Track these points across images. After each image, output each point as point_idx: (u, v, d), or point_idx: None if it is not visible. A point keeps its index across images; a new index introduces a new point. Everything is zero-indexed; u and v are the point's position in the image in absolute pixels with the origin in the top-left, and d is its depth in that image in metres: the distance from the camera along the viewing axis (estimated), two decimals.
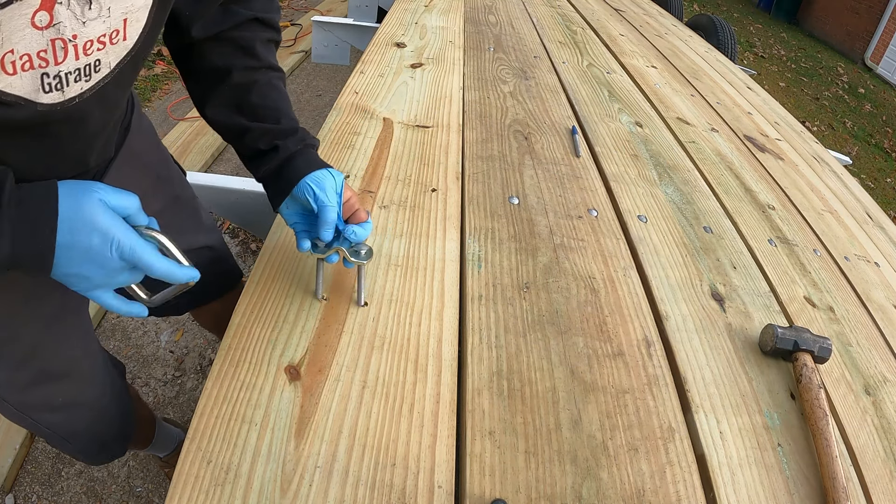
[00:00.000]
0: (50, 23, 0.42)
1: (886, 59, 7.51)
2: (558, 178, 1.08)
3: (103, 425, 0.90)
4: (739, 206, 1.18)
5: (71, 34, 0.44)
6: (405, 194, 0.93)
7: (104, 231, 0.47)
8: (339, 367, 0.63)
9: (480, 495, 0.54)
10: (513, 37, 1.86)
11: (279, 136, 0.67)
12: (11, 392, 0.73)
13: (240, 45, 0.67)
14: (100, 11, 0.45)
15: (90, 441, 0.90)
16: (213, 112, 0.68)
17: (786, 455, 0.66)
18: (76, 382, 0.81)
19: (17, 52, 0.41)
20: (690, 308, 0.84)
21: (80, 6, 0.43)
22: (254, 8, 0.67)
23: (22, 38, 0.41)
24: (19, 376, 0.72)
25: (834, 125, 5.55)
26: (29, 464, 1.42)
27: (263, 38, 0.69)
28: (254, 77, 0.68)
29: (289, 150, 0.66)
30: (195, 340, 1.80)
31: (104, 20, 0.46)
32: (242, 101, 0.67)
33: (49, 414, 0.80)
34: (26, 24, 0.41)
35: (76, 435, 0.87)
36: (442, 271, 0.78)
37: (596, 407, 0.65)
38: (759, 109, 1.94)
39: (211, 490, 0.50)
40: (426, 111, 1.20)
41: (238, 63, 0.67)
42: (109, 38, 0.47)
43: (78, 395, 0.82)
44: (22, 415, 0.77)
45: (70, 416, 0.83)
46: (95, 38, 0.46)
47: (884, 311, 1.04)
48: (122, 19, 0.47)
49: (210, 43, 0.66)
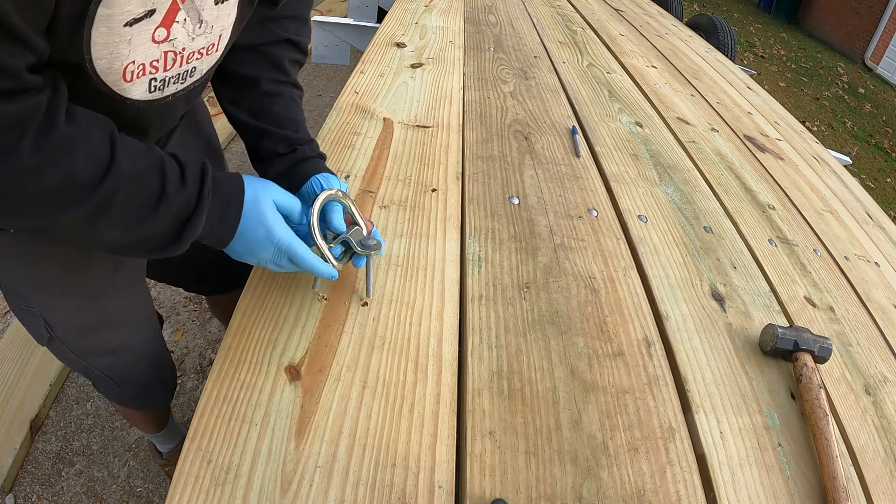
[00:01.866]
0: (167, 38, 0.49)
1: (886, 59, 7.51)
2: (558, 178, 1.08)
3: (152, 371, 0.97)
4: (739, 205, 1.18)
5: (181, 48, 0.51)
6: (405, 194, 0.93)
7: (268, 227, 0.58)
8: (340, 367, 0.63)
9: (480, 495, 0.54)
10: (513, 37, 1.86)
11: (297, 142, 0.74)
12: (71, 337, 0.80)
13: (271, 60, 0.74)
14: (206, 29, 0.52)
15: (139, 386, 0.97)
16: (238, 112, 0.74)
17: (786, 455, 0.66)
18: (131, 328, 0.87)
19: (136, 63, 0.48)
20: (690, 308, 0.84)
21: (192, 24, 0.50)
22: (288, 30, 0.75)
23: (143, 52, 0.48)
24: (80, 320, 0.79)
25: (834, 125, 5.55)
26: (29, 464, 1.42)
27: (292, 58, 0.77)
28: (280, 90, 0.75)
29: (305, 154, 0.74)
30: (195, 340, 1.80)
31: (206, 36, 0.53)
32: (267, 108, 0.74)
33: (104, 357, 0.87)
34: (148, 38, 0.47)
35: (127, 380, 0.94)
36: (442, 271, 0.78)
37: (596, 407, 0.65)
38: (759, 109, 1.94)
39: (211, 490, 0.50)
40: (426, 111, 1.20)
41: (267, 75, 0.74)
42: (207, 50, 0.55)
43: (131, 339, 0.89)
44: (78, 359, 0.84)
45: (123, 360, 0.89)
46: (197, 50, 0.53)
47: (884, 311, 1.04)
48: (219, 34, 0.55)
49: (245, 52, 0.72)
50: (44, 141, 0.44)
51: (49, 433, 1.49)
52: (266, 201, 0.58)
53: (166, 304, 1.89)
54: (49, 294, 0.75)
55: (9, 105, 0.41)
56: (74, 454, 1.46)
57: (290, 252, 0.59)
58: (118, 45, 0.45)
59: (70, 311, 0.78)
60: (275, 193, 0.60)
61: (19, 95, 0.42)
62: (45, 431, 1.50)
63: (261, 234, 0.58)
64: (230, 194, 0.56)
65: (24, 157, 0.43)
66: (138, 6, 0.44)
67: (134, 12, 0.44)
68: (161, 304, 1.88)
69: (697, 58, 2.32)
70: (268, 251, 0.59)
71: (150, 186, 0.51)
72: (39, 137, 0.43)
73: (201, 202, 0.53)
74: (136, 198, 0.50)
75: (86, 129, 0.47)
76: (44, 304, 0.75)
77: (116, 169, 0.48)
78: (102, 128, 0.49)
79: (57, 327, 0.78)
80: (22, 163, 0.43)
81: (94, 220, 0.48)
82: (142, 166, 0.50)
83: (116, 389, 0.94)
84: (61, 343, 0.80)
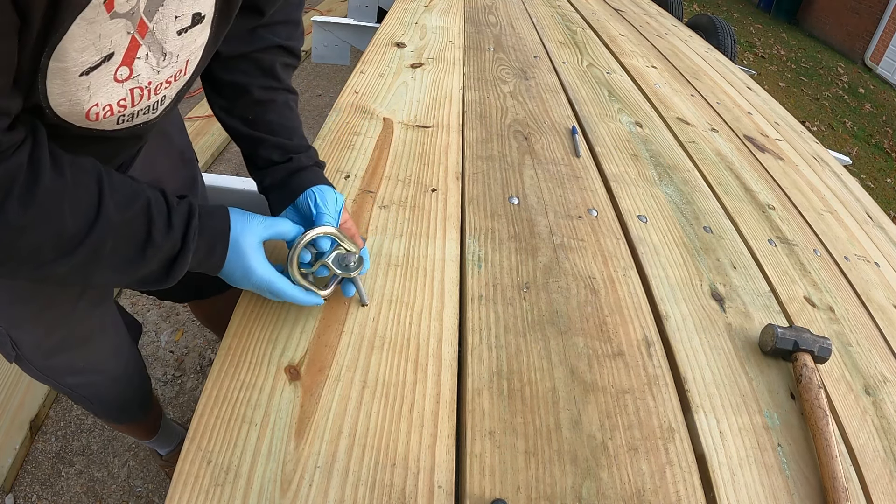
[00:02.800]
0: (129, 76, 0.47)
1: (886, 59, 7.51)
2: (558, 178, 1.08)
3: (122, 388, 0.97)
4: (739, 206, 1.18)
5: (146, 82, 0.49)
6: (405, 194, 0.93)
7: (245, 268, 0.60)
8: (339, 367, 0.63)
9: (480, 495, 0.54)
10: (513, 37, 1.86)
11: (292, 150, 0.72)
12: (37, 357, 0.80)
13: (261, 67, 0.72)
14: (171, 59, 0.50)
15: (111, 403, 0.97)
16: (231, 120, 0.73)
17: (786, 455, 0.66)
18: (98, 348, 0.87)
19: (101, 105, 0.47)
20: (690, 308, 0.84)
21: (156, 58, 0.48)
22: (279, 35, 0.73)
23: (106, 93, 0.46)
24: (46, 341, 0.78)
25: (834, 125, 5.55)
26: (29, 464, 1.42)
27: (283, 62, 0.74)
28: (272, 96, 0.73)
29: (301, 163, 0.71)
30: (195, 340, 1.80)
31: (173, 66, 0.51)
32: (260, 116, 0.72)
33: (71, 377, 0.86)
34: (110, 80, 0.46)
35: (99, 398, 0.93)
36: (442, 271, 0.78)
37: (596, 407, 0.65)
38: (759, 109, 1.94)
39: (211, 490, 0.50)
40: (426, 111, 1.20)
41: (257, 82, 0.71)
42: (174, 76, 0.53)
43: (99, 360, 0.88)
44: (46, 377, 0.84)
45: (92, 379, 0.89)
46: (164, 80, 0.52)
47: (884, 311, 1.04)
48: (186, 60, 0.53)
49: (235, 60, 0.70)
50: (29, 199, 0.43)
51: (49, 433, 1.49)
52: (246, 241, 0.59)
53: (166, 303, 1.89)
54: (16, 314, 0.74)
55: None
56: (74, 454, 1.46)
57: (270, 290, 0.61)
58: (76, 93, 0.44)
59: (36, 332, 0.77)
60: (258, 232, 0.61)
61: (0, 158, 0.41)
62: (45, 431, 1.50)
63: (238, 275, 0.60)
64: (216, 233, 0.58)
65: (10, 217, 0.42)
66: (93, 55, 0.42)
67: (89, 62, 0.42)
68: (161, 305, 1.89)
69: (697, 58, 2.32)
70: (249, 287, 0.62)
71: (137, 233, 0.51)
72: (24, 196, 0.43)
73: (186, 245, 0.54)
74: (124, 246, 0.51)
75: (72, 181, 0.46)
76: (9, 323, 0.75)
77: (103, 220, 0.48)
78: (90, 175, 0.48)
79: (23, 347, 0.78)
80: (7, 222, 0.42)
81: (84, 267, 0.49)
82: (129, 215, 0.50)
83: (91, 405, 0.95)
84: (28, 362, 0.80)
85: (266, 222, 0.62)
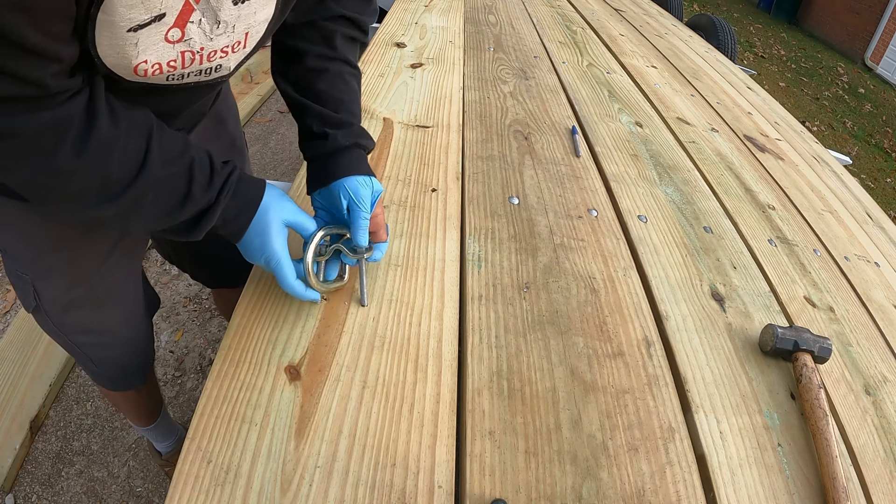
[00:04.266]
0: (181, 38, 0.48)
1: (886, 59, 7.51)
2: (558, 178, 1.08)
3: (129, 356, 0.98)
4: (739, 206, 1.18)
5: (199, 47, 0.51)
6: (405, 194, 0.93)
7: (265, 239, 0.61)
8: (339, 367, 0.63)
9: (480, 495, 0.54)
10: (513, 37, 1.86)
11: (332, 124, 0.70)
12: (55, 310, 0.82)
13: (322, 34, 0.73)
14: (226, 29, 0.51)
15: (115, 368, 0.99)
16: (285, 85, 0.74)
17: (786, 455, 0.66)
18: (113, 310, 0.88)
19: (149, 62, 0.48)
20: (690, 308, 0.84)
21: (209, 25, 0.49)
22: (346, 7, 0.74)
23: (155, 51, 0.48)
24: (67, 295, 0.81)
25: (834, 125, 5.55)
26: (29, 464, 1.42)
27: (346, 34, 0.75)
28: (326, 65, 0.72)
29: (338, 143, 0.69)
30: (195, 340, 1.80)
31: (228, 35, 0.52)
32: (310, 83, 0.72)
33: (83, 336, 0.88)
34: (160, 39, 0.47)
35: (103, 361, 0.95)
36: (442, 271, 0.78)
37: (596, 407, 0.65)
38: (759, 109, 1.94)
39: (211, 490, 0.50)
40: (426, 111, 1.20)
41: (314, 49, 0.72)
42: (231, 48, 0.54)
43: (112, 322, 0.90)
44: (59, 332, 0.86)
45: (101, 341, 0.91)
46: (219, 49, 0.53)
47: (884, 311, 1.04)
48: (245, 33, 0.54)
49: (299, 27, 0.72)
50: (82, 146, 0.46)
51: (49, 433, 1.49)
52: (274, 215, 0.62)
53: (166, 304, 1.89)
54: (43, 266, 0.76)
55: (40, 113, 0.43)
56: (74, 454, 1.46)
57: (277, 269, 0.62)
58: (123, 47, 0.46)
59: (60, 284, 0.79)
60: (286, 212, 0.63)
61: (48, 103, 0.44)
62: (44, 431, 1.50)
63: (257, 244, 0.62)
64: (248, 197, 0.60)
65: (62, 162, 0.46)
66: (141, 13, 0.44)
67: (137, 19, 0.44)
68: (161, 305, 1.88)
69: (697, 58, 2.32)
70: (261, 260, 0.63)
71: (178, 188, 0.55)
72: (78, 143, 0.46)
73: (218, 200, 0.57)
74: (164, 198, 0.54)
75: (124, 133, 0.49)
76: (36, 275, 0.77)
77: (147, 173, 0.51)
78: (141, 130, 0.51)
79: (44, 299, 0.80)
80: (60, 166, 0.46)
81: (125, 213, 0.53)
82: (173, 170, 0.54)
83: (93, 367, 0.96)
84: (46, 314, 0.82)
85: (296, 210, 0.65)
